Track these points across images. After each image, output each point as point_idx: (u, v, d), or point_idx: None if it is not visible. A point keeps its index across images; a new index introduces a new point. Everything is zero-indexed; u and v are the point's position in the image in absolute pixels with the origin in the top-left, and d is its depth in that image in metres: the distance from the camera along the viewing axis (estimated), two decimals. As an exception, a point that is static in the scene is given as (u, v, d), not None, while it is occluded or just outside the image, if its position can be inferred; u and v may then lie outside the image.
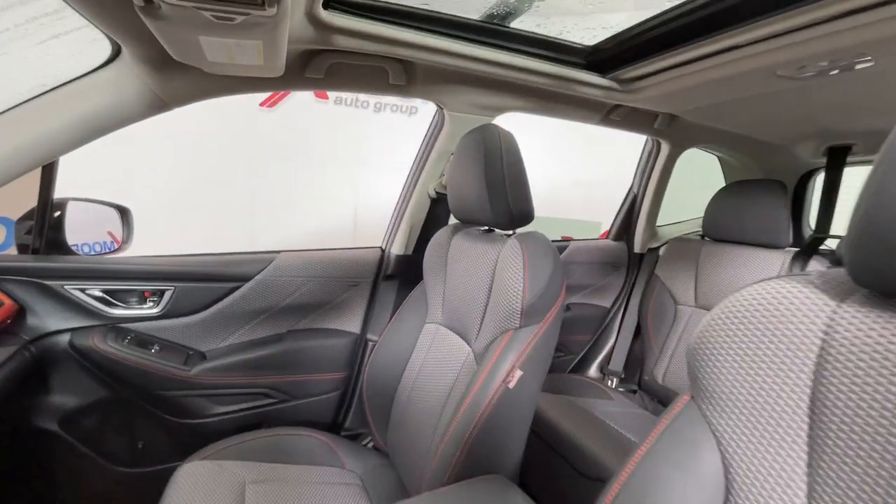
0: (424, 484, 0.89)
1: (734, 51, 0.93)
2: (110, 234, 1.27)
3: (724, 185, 2.01)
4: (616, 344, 1.80)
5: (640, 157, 1.80)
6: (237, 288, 1.24)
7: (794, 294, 0.42)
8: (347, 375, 1.40)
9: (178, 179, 2.88)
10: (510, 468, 0.86)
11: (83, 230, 1.21)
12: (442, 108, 1.26)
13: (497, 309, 0.88)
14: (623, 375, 1.74)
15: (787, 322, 0.41)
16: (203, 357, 1.23)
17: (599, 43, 1.13)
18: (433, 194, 1.35)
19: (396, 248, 1.41)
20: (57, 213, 1.12)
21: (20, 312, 1.02)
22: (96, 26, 0.78)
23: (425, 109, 3.37)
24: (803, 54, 0.86)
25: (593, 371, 1.85)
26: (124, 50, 0.87)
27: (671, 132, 1.58)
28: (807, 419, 0.40)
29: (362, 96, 3.31)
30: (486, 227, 1.09)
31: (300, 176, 3.21)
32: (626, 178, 1.89)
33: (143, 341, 1.15)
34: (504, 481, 0.79)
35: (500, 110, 1.27)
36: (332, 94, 3.21)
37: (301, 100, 3.13)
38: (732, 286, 1.50)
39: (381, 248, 1.45)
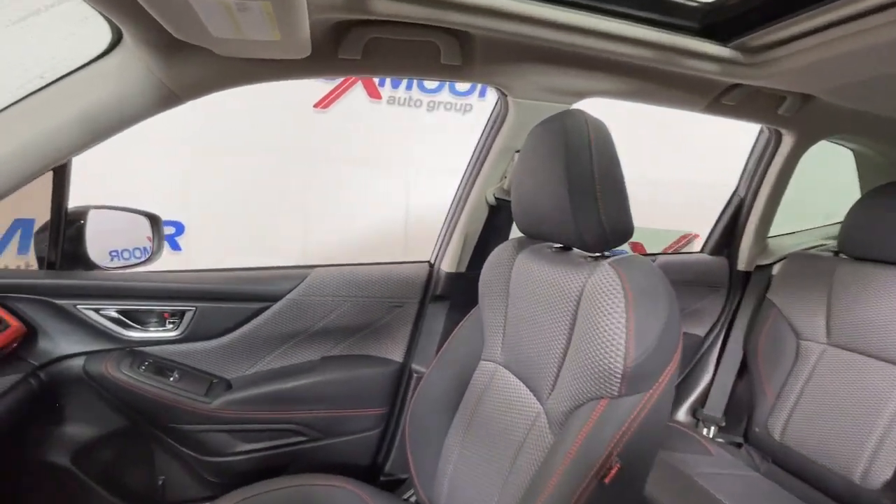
0: None
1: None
2: (149, 238, 1.17)
3: (856, 184, 1.61)
4: (714, 382, 1.47)
5: (752, 152, 1.45)
6: (265, 308, 1.08)
7: None
8: (388, 411, 1.20)
9: (234, 185, 2.89)
10: None
11: (108, 240, 1.11)
12: (505, 95, 1.02)
13: (583, 364, 0.64)
14: (724, 423, 1.41)
15: None
16: (228, 386, 1.08)
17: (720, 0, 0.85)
18: (492, 200, 1.12)
19: (447, 265, 1.19)
20: (76, 223, 1.02)
21: (29, 335, 0.91)
22: (91, 4, 0.63)
23: (480, 107, 3.22)
24: None
25: (683, 414, 1.52)
26: (125, 34, 0.72)
27: (800, 119, 1.23)
28: None
29: (415, 95, 3.23)
30: (561, 245, 0.84)
31: (352, 178, 3.16)
32: (714, 176, 1.55)
33: (161, 368, 1.01)
34: None
35: (580, 95, 1.01)
36: (385, 94, 3.15)
37: (355, 100, 3.09)
38: (881, 319, 1.13)
39: (429, 262, 1.24)
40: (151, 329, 1.01)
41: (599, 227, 0.69)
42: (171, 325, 1.03)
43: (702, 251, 1.56)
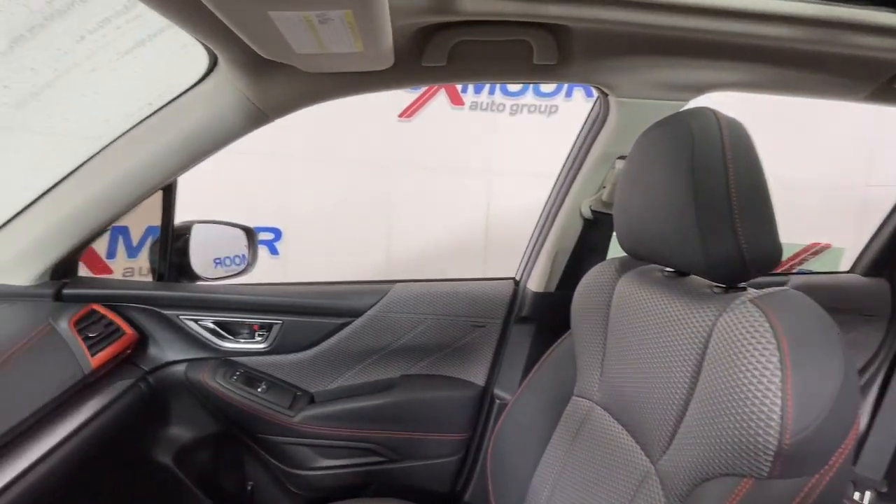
0: None
1: None
2: (245, 247, 1.23)
3: None
4: (869, 436, 1.18)
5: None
6: (348, 324, 1.07)
7: None
8: (469, 437, 1.13)
9: (325, 193, 3.05)
10: None
11: (210, 251, 1.18)
12: (606, 94, 0.89)
13: (715, 428, 0.50)
14: (885, 487, 1.13)
15: None
16: (311, 399, 1.09)
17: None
18: (588, 213, 1.00)
19: (535, 283, 1.09)
20: (182, 237, 1.09)
21: (140, 342, 0.98)
22: (183, 27, 0.65)
23: (566, 108, 3.06)
24: None
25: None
26: (219, 58, 0.74)
27: None
28: None
29: (497, 99, 3.18)
30: (674, 270, 0.70)
31: (434, 185, 3.18)
32: (848, 176, 1.25)
33: (251, 378, 1.04)
34: None
35: (700, 90, 0.85)
36: (467, 100, 3.13)
37: (438, 107, 3.12)
38: None
39: (514, 280, 1.14)
40: (242, 340, 1.05)
41: (736, 254, 0.54)
42: (259, 337, 1.05)
43: (851, 270, 1.27)
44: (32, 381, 0.74)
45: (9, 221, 0.89)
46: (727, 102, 0.75)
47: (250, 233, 1.19)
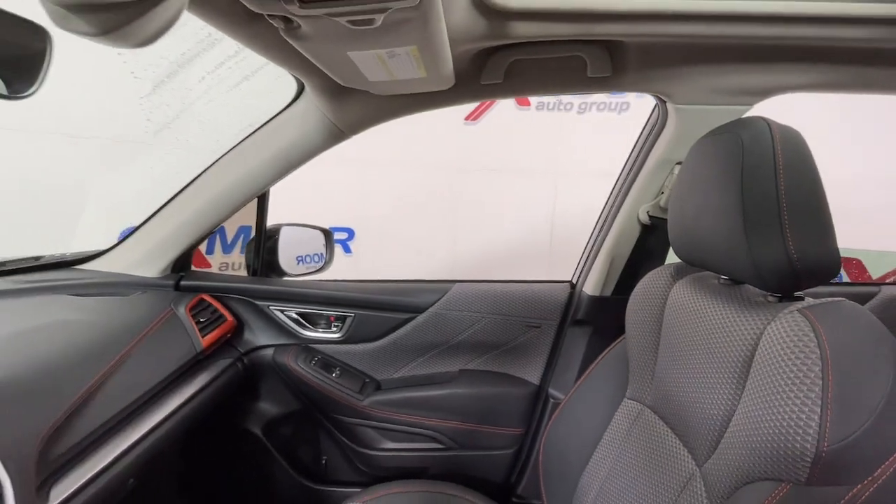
0: None
1: None
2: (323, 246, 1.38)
3: None
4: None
5: None
6: (411, 319, 1.17)
7: None
8: (523, 433, 1.17)
9: (395, 195, 3.21)
10: None
11: (295, 251, 1.34)
12: (665, 102, 0.90)
13: (756, 434, 0.52)
14: None
15: None
16: (378, 386, 1.20)
17: None
18: (646, 219, 1.00)
19: (591, 287, 1.11)
20: (272, 238, 1.25)
21: (238, 327, 1.15)
22: (276, 63, 0.77)
23: (637, 104, 2.96)
24: None
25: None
26: (306, 85, 0.86)
27: None
28: None
29: (566, 98, 3.13)
30: (729, 278, 0.70)
31: (500, 187, 3.22)
32: None
33: (327, 364, 1.18)
34: None
35: (765, 94, 0.83)
36: (533, 100, 3.14)
37: (504, 109, 3.15)
38: None
39: (570, 283, 1.17)
40: (320, 330, 1.18)
41: (786, 264, 0.55)
42: (335, 328, 1.18)
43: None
44: (161, 354, 0.91)
45: (142, 225, 1.09)
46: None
47: (328, 234, 1.34)
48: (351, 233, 3.22)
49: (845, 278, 2.71)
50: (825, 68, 0.77)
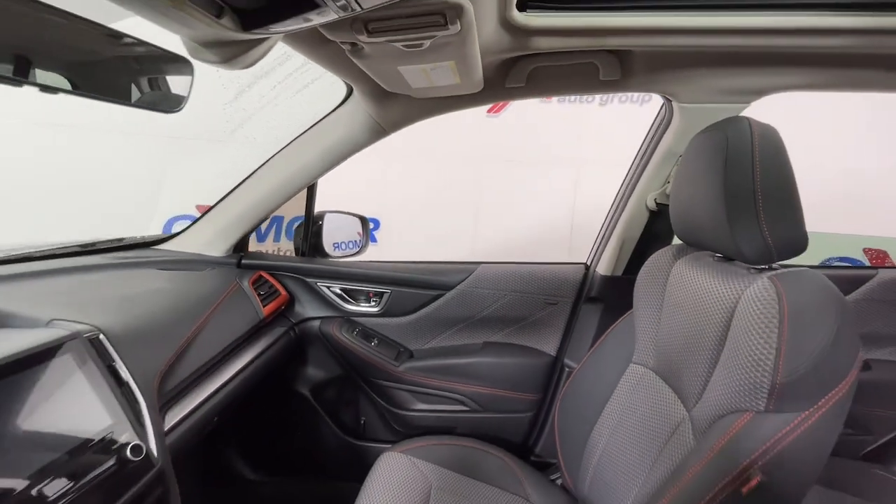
0: None
1: None
2: (359, 234, 1.53)
3: None
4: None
5: None
6: (441, 295, 1.31)
7: None
8: (541, 398, 1.31)
9: (419, 186, 3.34)
10: None
11: (335, 235, 1.50)
12: (670, 100, 1.01)
13: (731, 376, 0.64)
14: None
15: None
16: (410, 355, 1.35)
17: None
18: (653, 206, 1.11)
19: (603, 268, 1.22)
20: (317, 223, 1.41)
21: (290, 301, 1.32)
22: (334, 73, 0.91)
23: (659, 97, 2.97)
24: None
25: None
26: (355, 90, 1.00)
27: None
28: None
29: None
30: (730, 258, 0.82)
31: (521, 177, 3.31)
32: None
33: (367, 334, 1.33)
34: None
35: (760, 93, 0.93)
36: (555, 93, 3.19)
37: (525, 102, 3.21)
38: None
39: (585, 264, 1.29)
40: (361, 304, 1.34)
41: (761, 241, 0.66)
42: (373, 303, 1.34)
43: None
44: (233, 319, 1.08)
45: (209, 210, 1.26)
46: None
47: (364, 221, 1.49)
48: (377, 223, 3.37)
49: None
50: (808, 71, 0.87)
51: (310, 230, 1.37)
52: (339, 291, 1.33)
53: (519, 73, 0.93)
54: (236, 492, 1.41)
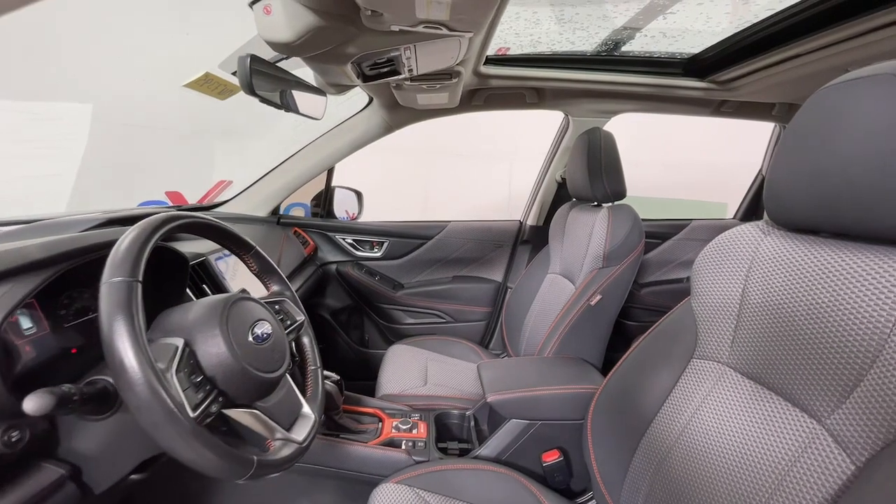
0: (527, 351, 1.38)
1: (813, 53, 1.14)
2: (346, 212, 2.07)
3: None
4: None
5: (769, 141, 1.89)
6: (423, 244, 1.90)
7: None
8: (492, 310, 1.95)
9: (375, 175, 3.80)
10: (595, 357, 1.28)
11: (340, 206, 2.02)
12: (567, 115, 1.69)
13: (590, 254, 1.30)
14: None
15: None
16: (402, 286, 1.93)
17: (697, 53, 1.41)
18: (559, 179, 1.79)
19: (531, 220, 1.89)
20: (331, 193, 1.93)
21: (315, 248, 1.83)
22: (367, 93, 1.46)
23: None
24: (871, 53, 1.04)
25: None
26: (375, 101, 1.56)
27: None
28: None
29: None
30: (595, 203, 1.49)
31: (466, 169, 3.89)
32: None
33: (371, 272, 1.89)
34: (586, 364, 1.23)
35: (615, 113, 1.63)
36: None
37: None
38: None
39: (519, 220, 1.95)
40: (367, 251, 1.89)
41: (604, 191, 1.33)
42: (376, 249, 1.89)
43: (734, 217, 2.03)
44: (290, 256, 1.58)
45: (257, 181, 1.74)
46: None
47: (359, 194, 2.03)
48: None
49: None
50: (640, 102, 1.59)
51: (327, 199, 1.89)
52: (351, 241, 1.87)
53: (480, 97, 1.54)
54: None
